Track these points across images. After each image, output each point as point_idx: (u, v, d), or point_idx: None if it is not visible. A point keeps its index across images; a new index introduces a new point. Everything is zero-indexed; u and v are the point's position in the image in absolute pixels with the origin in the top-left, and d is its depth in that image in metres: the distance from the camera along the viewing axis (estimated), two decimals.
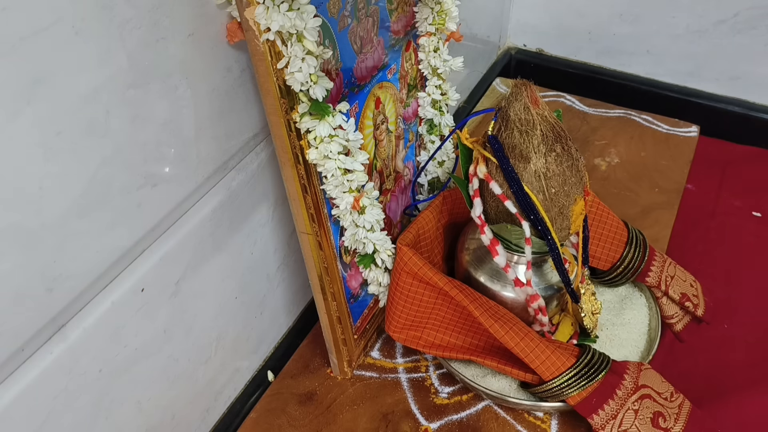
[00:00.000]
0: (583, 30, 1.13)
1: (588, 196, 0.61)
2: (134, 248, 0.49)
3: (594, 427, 0.61)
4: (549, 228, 0.59)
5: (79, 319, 0.46)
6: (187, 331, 0.57)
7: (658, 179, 0.94)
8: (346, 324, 0.66)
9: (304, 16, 0.48)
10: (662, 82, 1.11)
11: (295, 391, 0.68)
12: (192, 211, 0.54)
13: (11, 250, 0.39)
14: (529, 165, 0.57)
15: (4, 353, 0.41)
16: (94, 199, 0.44)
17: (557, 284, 0.66)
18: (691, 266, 0.77)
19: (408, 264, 0.63)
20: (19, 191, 0.38)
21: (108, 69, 0.42)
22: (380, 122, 0.67)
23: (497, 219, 0.61)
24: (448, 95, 0.75)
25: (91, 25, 0.39)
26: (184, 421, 0.61)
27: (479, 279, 0.66)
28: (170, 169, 0.50)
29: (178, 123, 0.49)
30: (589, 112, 1.08)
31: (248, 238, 0.62)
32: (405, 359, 0.72)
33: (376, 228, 0.61)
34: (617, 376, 0.62)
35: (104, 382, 0.50)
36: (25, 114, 0.37)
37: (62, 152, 0.40)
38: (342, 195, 0.58)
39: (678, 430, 0.61)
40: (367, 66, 0.63)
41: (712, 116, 1.07)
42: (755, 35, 1.00)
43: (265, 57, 0.48)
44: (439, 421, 0.66)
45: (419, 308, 0.65)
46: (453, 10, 0.70)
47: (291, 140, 0.53)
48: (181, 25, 0.46)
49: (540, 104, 0.58)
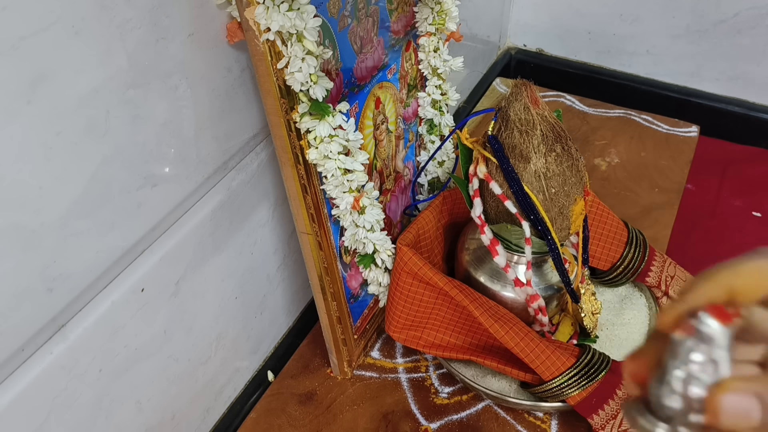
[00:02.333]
0: (583, 30, 1.13)
1: (588, 196, 0.61)
2: (134, 248, 0.49)
3: (594, 427, 0.61)
4: (549, 228, 0.59)
5: (79, 319, 0.46)
6: (187, 331, 0.57)
7: (658, 179, 0.94)
8: (346, 324, 0.66)
9: (304, 16, 0.48)
10: (662, 82, 1.11)
11: (295, 391, 0.68)
12: (192, 211, 0.54)
13: (11, 250, 0.39)
14: (529, 165, 0.57)
15: (4, 353, 0.41)
16: (94, 199, 0.44)
17: (557, 284, 0.66)
18: (691, 266, 0.77)
19: (408, 264, 0.63)
20: (19, 191, 0.38)
21: (108, 69, 0.42)
22: (380, 122, 0.67)
23: (497, 219, 0.61)
24: (448, 95, 0.75)
25: (91, 25, 0.39)
26: (184, 421, 0.61)
27: (479, 279, 0.66)
28: (170, 169, 0.50)
29: (178, 123, 0.49)
30: (589, 112, 1.08)
31: (248, 238, 0.62)
32: (405, 359, 0.72)
33: (376, 228, 0.61)
34: (617, 376, 0.62)
35: (104, 382, 0.50)
36: (25, 114, 0.37)
37: (62, 152, 0.40)
38: (342, 195, 0.58)
39: None
40: (367, 66, 0.63)
41: (712, 116, 1.07)
42: (755, 35, 1.00)
43: (265, 57, 0.48)
44: (439, 421, 0.66)
45: (419, 308, 0.65)
46: (453, 10, 0.70)
47: (291, 140, 0.53)
48: (181, 25, 0.46)
49: (540, 104, 0.58)
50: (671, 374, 0.27)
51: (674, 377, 0.27)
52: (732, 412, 0.26)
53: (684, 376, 0.27)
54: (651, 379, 0.29)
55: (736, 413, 0.26)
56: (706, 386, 0.27)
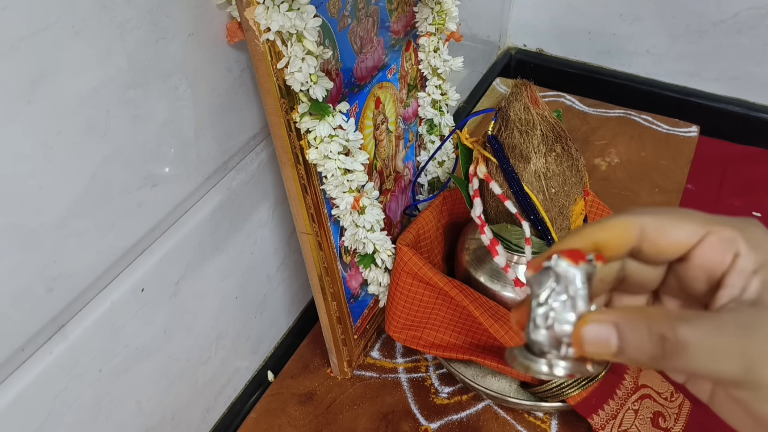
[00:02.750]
0: (583, 30, 1.13)
1: (588, 196, 0.61)
2: (134, 248, 0.49)
3: (594, 427, 0.61)
4: (549, 228, 0.59)
5: (79, 319, 0.46)
6: (187, 331, 0.57)
7: (658, 179, 0.94)
8: (346, 324, 0.66)
9: (304, 16, 0.48)
10: (662, 82, 1.11)
11: (295, 391, 0.68)
12: (192, 211, 0.54)
13: (11, 250, 0.39)
14: (529, 165, 0.57)
15: (4, 353, 0.41)
16: (94, 199, 0.44)
17: None
18: None
19: (408, 264, 0.63)
20: (19, 191, 0.38)
21: (108, 69, 0.42)
22: (380, 122, 0.67)
23: (497, 219, 0.61)
24: (448, 95, 0.75)
25: (91, 25, 0.39)
26: (184, 421, 0.61)
27: (479, 279, 0.66)
28: (170, 169, 0.50)
29: (178, 123, 0.49)
30: (589, 112, 1.08)
31: (248, 238, 0.62)
32: (405, 359, 0.72)
33: (376, 228, 0.61)
34: (617, 376, 0.63)
35: (104, 382, 0.50)
36: (25, 114, 0.37)
37: (62, 152, 0.40)
38: (342, 195, 0.58)
39: (678, 430, 0.61)
40: (367, 66, 0.63)
41: (712, 116, 1.07)
42: (755, 35, 1.00)
43: (265, 57, 0.48)
44: (439, 421, 0.66)
45: (419, 308, 0.65)
46: (453, 10, 0.70)
47: (291, 140, 0.53)
48: (181, 25, 0.46)
49: (540, 104, 0.58)
50: (534, 312, 0.30)
51: (537, 314, 0.30)
52: (593, 342, 0.29)
53: (544, 312, 0.30)
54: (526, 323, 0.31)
55: (597, 342, 0.29)
56: (569, 321, 0.30)
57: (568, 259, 0.30)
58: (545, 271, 0.30)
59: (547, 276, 0.30)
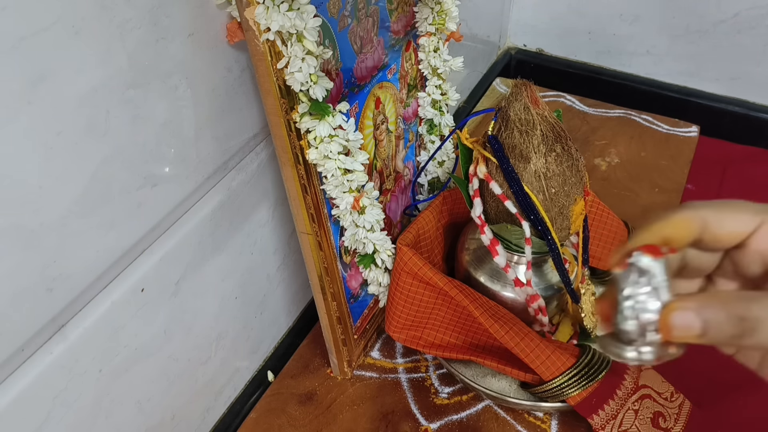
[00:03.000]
0: (583, 30, 1.13)
1: (588, 196, 0.61)
2: (134, 248, 0.49)
3: (594, 427, 0.61)
4: (549, 228, 0.59)
5: (79, 319, 0.46)
6: (187, 331, 0.57)
7: (658, 179, 0.94)
8: (346, 324, 0.66)
9: (304, 16, 0.48)
10: (662, 82, 1.11)
11: (295, 391, 0.68)
12: (192, 211, 0.54)
13: (11, 250, 0.39)
14: (529, 165, 0.57)
15: (4, 353, 0.41)
16: (94, 199, 0.44)
17: (557, 284, 0.66)
18: None
19: (408, 264, 0.63)
20: (19, 191, 0.38)
21: (108, 69, 0.42)
22: (380, 122, 0.67)
23: (497, 219, 0.61)
24: (448, 95, 0.75)
25: (91, 25, 0.39)
26: (184, 421, 0.61)
27: (479, 279, 0.66)
28: (170, 169, 0.50)
29: (178, 123, 0.49)
30: (589, 112, 1.08)
31: (248, 238, 0.62)
32: (405, 359, 0.72)
33: (376, 228, 0.61)
34: (617, 376, 0.62)
35: (104, 382, 0.50)
36: (25, 114, 0.37)
37: (62, 152, 0.40)
38: (342, 195, 0.58)
39: (678, 430, 0.61)
40: (367, 66, 0.63)
41: (712, 116, 1.07)
42: (755, 35, 1.00)
43: (265, 57, 0.48)
44: (439, 421, 0.66)
45: (419, 308, 0.65)
46: (453, 10, 0.70)
47: (291, 140, 0.53)
48: (181, 25, 0.46)
49: (540, 104, 0.58)
50: (622, 305, 0.33)
51: (625, 306, 0.33)
52: (680, 327, 0.32)
53: (632, 304, 0.33)
54: (612, 315, 0.34)
55: (683, 327, 0.32)
56: (654, 310, 0.33)
57: (648, 254, 0.33)
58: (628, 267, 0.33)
59: (630, 271, 0.33)
